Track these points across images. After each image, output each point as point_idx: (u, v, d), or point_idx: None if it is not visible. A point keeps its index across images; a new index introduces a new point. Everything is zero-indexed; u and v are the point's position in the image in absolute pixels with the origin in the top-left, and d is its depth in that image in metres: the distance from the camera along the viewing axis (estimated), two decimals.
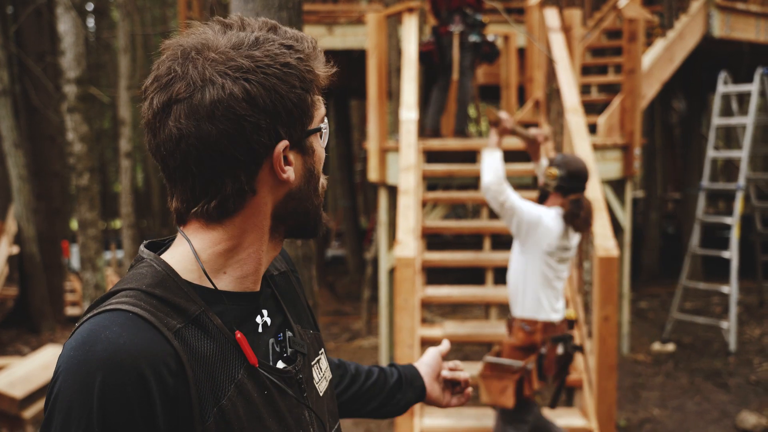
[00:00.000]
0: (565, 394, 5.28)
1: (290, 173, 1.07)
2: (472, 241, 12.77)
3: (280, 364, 1.14)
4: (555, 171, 3.91)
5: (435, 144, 6.73)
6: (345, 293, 11.50)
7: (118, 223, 22.73)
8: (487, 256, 5.92)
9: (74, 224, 18.99)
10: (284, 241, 1.22)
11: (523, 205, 3.87)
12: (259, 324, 1.14)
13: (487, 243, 6.03)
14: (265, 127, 1.02)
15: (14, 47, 9.71)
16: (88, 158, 6.96)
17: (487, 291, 5.66)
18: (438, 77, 7.20)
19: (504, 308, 8.98)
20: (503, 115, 4.05)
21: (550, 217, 3.85)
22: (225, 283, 1.09)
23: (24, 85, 9.86)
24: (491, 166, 3.89)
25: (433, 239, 6.63)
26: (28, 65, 9.77)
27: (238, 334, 1.05)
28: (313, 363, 1.23)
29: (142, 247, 1.13)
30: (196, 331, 1.02)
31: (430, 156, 6.70)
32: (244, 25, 1.07)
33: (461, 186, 7.55)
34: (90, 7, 17.84)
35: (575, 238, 3.92)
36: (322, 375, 1.26)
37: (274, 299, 1.21)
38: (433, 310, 9.38)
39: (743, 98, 8.56)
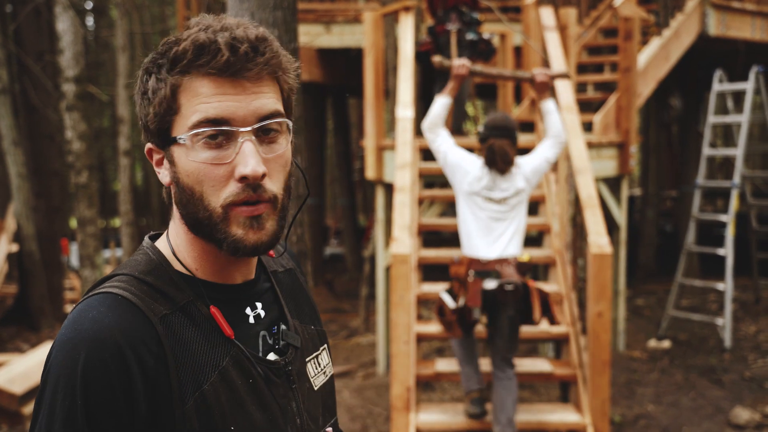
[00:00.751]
0: (561, 390, 5.32)
1: (162, 175, 1.13)
2: None
3: (272, 356, 1.17)
4: (478, 127, 4.52)
5: None
6: (343, 291, 11.54)
7: (117, 222, 22.76)
8: None
9: (73, 222, 19.05)
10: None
11: (450, 149, 4.45)
12: (249, 315, 1.17)
13: None
14: (142, 126, 1.13)
15: (13, 46, 9.74)
16: (86, 156, 7.00)
17: None
18: (436, 77, 7.24)
19: None
20: (456, 62, 4.49)
21: (470, 161, 4.42)
22: (204, 272, 1.14)
23: (23, 83, 9.89)
24: (432, 111, 4.48)
25: (430, 236, 6.67)
26: (27, 64, 9.80)
27: (212, 309, 1.10)
28: (309, 358, 1.26)
29: (146, 237, 1.20)
30: (182, 318, 1.07)
31: (427, 154, 6.75)
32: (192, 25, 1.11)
33: None
34: (89, 5, 17.87)
35: (506, 182, 4.36)
36: (320, 370, 1.29)
37: (272, 293, 1.24)
38: (430, 308, 9.43)
39: (739, 96, 8.60)
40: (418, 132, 7.06)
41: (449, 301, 4.38)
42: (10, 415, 5.77)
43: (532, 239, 6.83)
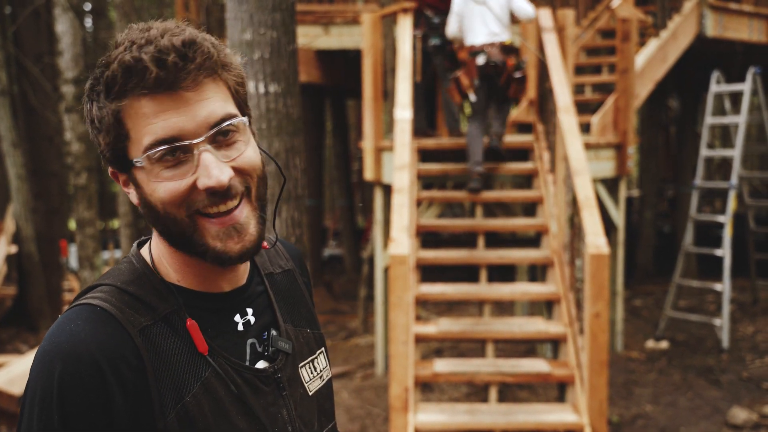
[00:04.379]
0: (558, 390, 5.34)
1: (132, 196, 1.09)
2: (466, 239, 12.81)
3: (262, 364, 1.15)
4: None
5: (430, 143, 6.79)
6: (342, 292, 11.55)
7: (116, 223, 22.76)
8: (481, 254, 5.98)
9: (72, 224, 19.06)
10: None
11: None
12: (238, 323, 1.15)
13: (481, 241, 6.09)
14: (100, 153, 1.09)
15: (12, 48, 9.76)
16: (86, 158, 7.02)
17: (481, 288, 5.72)
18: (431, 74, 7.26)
19: (501, 305, 9.06)
20: None
21: None
22: (188, 280, 1.12)
23: (22, 85, 9.90)
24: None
25: (428, 237, 6.68)
26: (26, 66, 9.81)
27: (189, 322, 1.07)
28: (304, 362, 1.24)
29: (134, 244, 1.18)
30: (164, 329, 1.05)
31: (425, 155, 6.76)
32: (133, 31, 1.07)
33: (456, 185, 7.61)
34: (87, 7, 17.87)
35: None
36: (316, 374, 1.26)
37: (265, 297, 1.22)
38: (429, 309, 9.44)
39: (736, 97, 8.62)
40: (416, 133, 7.08)
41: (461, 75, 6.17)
42: (9, 416, 5.78)
43: (530, 240, 6.85)
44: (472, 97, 6.21)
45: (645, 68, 7.91)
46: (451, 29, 6.34)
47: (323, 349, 1.33)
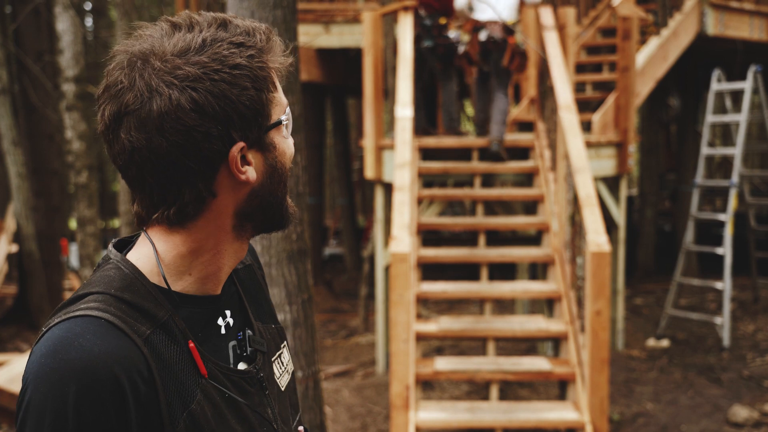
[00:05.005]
0: (559, 388, 5.34)
1: (250, 173, 1.05)
2: (467, 237, 12.82)
3: (242, 365, 1.15)
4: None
5: (430, 141, 6.78)
6: (342, 291, 11.56)
7: (116, 222, 22.77)
8: (482, 252, 5.98)
9: (72, 223, 19.03)
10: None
11: None
12: (221, 326, 1.14)
13: (482, 239, 6.09)
14: (216, 135, 1.00)
15: (13, 46, 9.76)
16: (86, 156, 7.02)
17: (482, 287, 5.72)
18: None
19: (501, 304, 9.06)
20: None
21: None
22: (187, 285, 1.09)
23: (23, 83, 9.90)
24: None
25: (429, 236, 6.68)
26: (26, 64, 9.81)
27: (191, 344, 1.04)
28: (273, 358, 1.23)
29: (110, 247, 1.12)
30: (163, 336, 1.02)
31: (426, 153, 6.76)
32: (192, 24, 1.03)
33: (457, 183, 7.61)
34: (88, 6, 17.87)
35: None
36: (283, 369, 1.26)
37: (238, 297, 1.21)
38: (430, 308, 9.44)
39: (737, 96, 8.62)
40: (416, 132, 7.08)
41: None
42: (9, 415, 5.78)
43: (532, 238, 6.85)
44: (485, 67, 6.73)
45: (646, 66, 7.91)
46: (459, 2, 6.64)
47: (285, 342, 1.32)
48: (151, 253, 1.07)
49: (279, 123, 1.08)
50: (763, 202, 9.59)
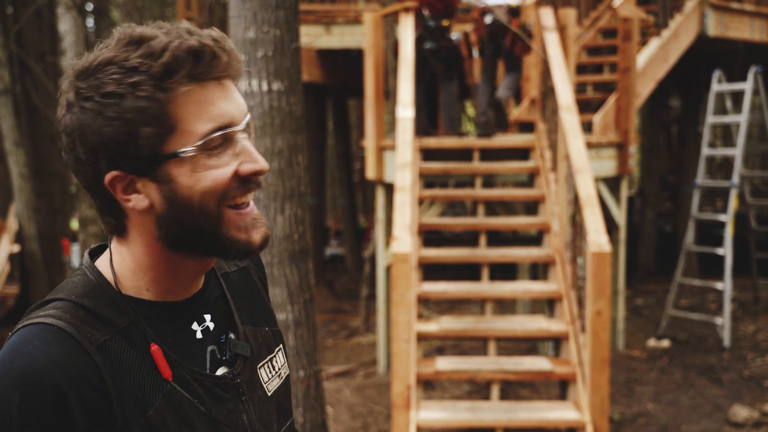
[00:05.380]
0: (560, 388, 5.35)
1: (135, 201, 1.03)
2: (468, 237, 12.86)
3: (222, 370, 1.14)
4: None
5: (431, 142, 6.80)
6: (343, 291, 11.57)
7: None
8: (482, 252, 5.99)
9: (74, 223, 19.00)
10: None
11: None
12: (196, 331, 1.13)
13: (483, 240, 6.10)
14: (85, 161, 1.02)
15: (15, 47, 9.78)
16: None
17: (483, 287, 5.73)
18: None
19: (502, 304, 9.07)
20: None
21: None
22: (147, 293, 1.09)
23: (25, 84, 9.93)
24: None
25: (430, 236, 6.69)
26: (28, 65, 9.84)
27: (153, 347, 1.05)
28: (263, 362, 1.22)
29: (85, 253, 1.13)
30: (122, 342, 1.02)
31: (427, 154, 6.78)
32: (118, 38, 1.02)
33: (458, 184, 7.63)
34: (90, 7, 17.88)
35: None
36: (275, 373, 1.25)
37: (223, 301, 1.20)
38: (431, 308, 9.46)
39: (737, 97, 8.63)
40: (417, 132, 7.10)
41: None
42: None
43: (532, 239, 6.87)
44: (475, 53, 7.13)
45: (646, 67, 7.92)
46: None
47: (281, 345, 1.30)
48: (117, 261, 1.09)
49: (174, 156, 1.01)
50: (763, 202, 9.59)
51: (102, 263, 1.10)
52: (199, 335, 1.13)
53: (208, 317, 1.16)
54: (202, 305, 1.16)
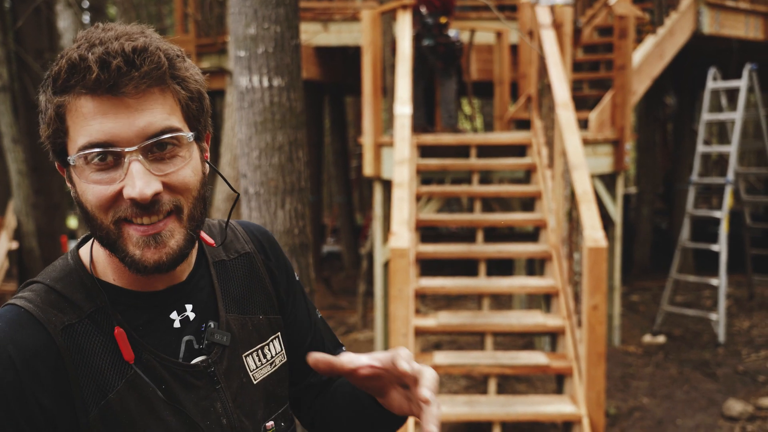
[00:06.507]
0: (556, 382, 5.40)
1: (72, 191, 1.08)
2: (465, 234, 12.91)
3: (200, 358, 1.15)
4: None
5: (429, 139, 6.84)
6: (340, 288, 11.60)
7: None
8: (480, 248, 6.04)
9: (70, 221, 18.99)
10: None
11: None
12: (174, 320, 1.14)
13: (480, 236, 6.14)
14: (42, 140, 1.09)
15: (13, 44, 9.79)
16: None
17: (481, 282, 5.77)
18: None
19: (499, 300, 9.12)
20: None
21: None
22: (119, 280, 1.12)
23: (23, 81, 9.94)
24: None
25: (426, 232, 6.73)
26: (27, 62, 9.85)
27: (117, 330, 1.07)
28: (249, 351, 1.22)
29: (81, 236, 1.20)
30: (89, 327, 1.07)
31: (425, 151, 6.82)
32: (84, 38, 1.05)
33: (455, 180, 7.67)
34: (85, 4, 17.88)
35: None
36: (265, 361, 1.25)
37: (209, 289, 1.21)
38: (428, 304, 9.50)
39: (732, 94, 8.69)
40: (415, 129, 7.13)
41: None
42: None
43: (528, 235, 6.91)
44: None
45: (642, 65, 7.97)
46: None
47: (279, 334, 1.29)
48: (95, 249, 1.13)
49: (63, 160, 1.07)
50: (758, 200, 9.66)
51: (84, 249, 1.15)
52: (177, 324, 1.15)
53: (189, 307, 1.17)
54: (184, 295, 1.17)
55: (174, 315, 1.14)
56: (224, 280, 1.24)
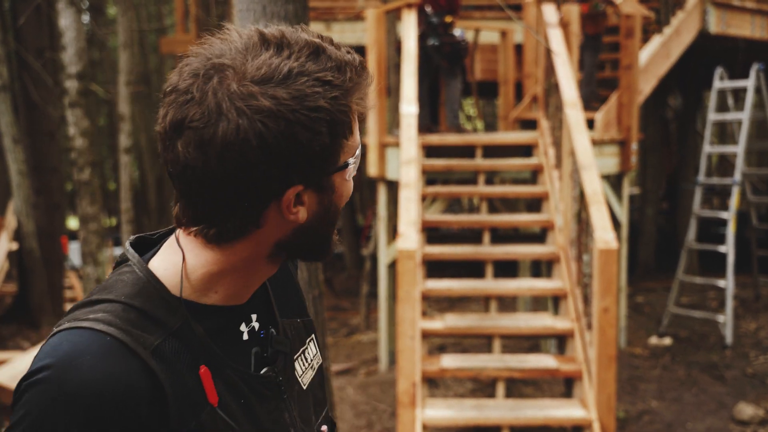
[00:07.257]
0: (565, 386, 5.33)
1: (300, 214, 1.01)
2: (470, 235, 12.85)
3: (264, 368, 1.12)
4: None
5: (434, 139, 6.77)
6: (343, 289, 11.55)
7: (113, 221, 22.72)
8: (486, 249, 5.97)
9: (72, 221, 18.96)
10: None
11: None
12: (243, 332, 1.11)
13: (486, 237, 6.07)
14: (276, 175, 0.95)
15: (13, 43, 9.73)
16: (89, 153, 7.00)
17: (487, 284, 5.71)
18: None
19: (503, 302, 9.06)
20: None
21: None
22: (212, 299, 1.06)
23: (23, 81, 9.87)
24: None
25: (430, 233, 6.65)
26: (27, 61, 9.78)
27: (203, 369, 1.01)
28: (297, 356, 1.20)
29: (127, 245, 1.08)
30: (175, 344, 0.99)
31: (430, 151, 6.75)
32: (283, 44, 0.96)
33: (460, 180, 7.60)
34: (85, 4, 17.82)
35: None
36: (308, 365, 1.23)
37: (266, 297, 1.18)
38: (432, 306, 9.44)
39: (739, 94, 8.63)
40: (420, 129, 7.06)
41: None
42: (10, 412, 5.77)
43: (533, 236, 6.84)
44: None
45: (648, 64, 7.91)
46: None
47: (313, 335, 1.27)
48: (178, 264, 1.04)
49: (345, 166, 1.03)
50: (764, 200, 9.60)
51: (162, 264, 1.05)
52: (245, 337, 1.11)
53: (254, 317, 1.13)
54: (251, 305, 1.13)
55: (243, 327, 1.11)
56: (273, 286, 1.21)
